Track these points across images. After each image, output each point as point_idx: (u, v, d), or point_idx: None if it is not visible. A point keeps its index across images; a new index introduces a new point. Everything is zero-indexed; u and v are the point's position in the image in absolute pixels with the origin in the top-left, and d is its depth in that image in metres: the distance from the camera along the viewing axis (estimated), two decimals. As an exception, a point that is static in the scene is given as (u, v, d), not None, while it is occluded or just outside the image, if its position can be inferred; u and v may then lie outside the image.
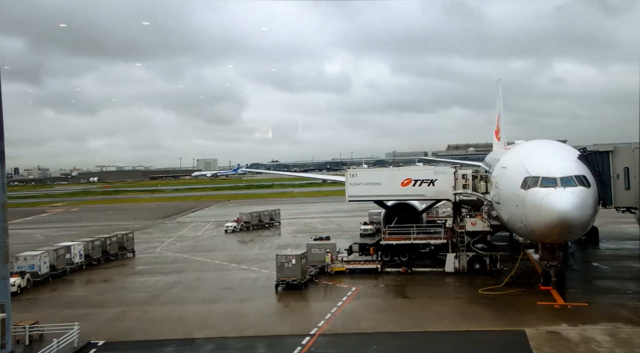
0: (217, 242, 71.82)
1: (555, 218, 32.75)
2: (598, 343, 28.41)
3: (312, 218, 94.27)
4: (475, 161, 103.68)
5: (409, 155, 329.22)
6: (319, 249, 48.92)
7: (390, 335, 31.42)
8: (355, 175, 51.47)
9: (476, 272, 45.39)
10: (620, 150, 39.62)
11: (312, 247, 49.79)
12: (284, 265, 42.76)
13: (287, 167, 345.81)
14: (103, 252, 59.65)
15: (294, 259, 42.73)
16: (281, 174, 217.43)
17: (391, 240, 47.95)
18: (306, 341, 30.56)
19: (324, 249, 48.75)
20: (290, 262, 42.66)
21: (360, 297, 40.39)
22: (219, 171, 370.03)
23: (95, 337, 32.73)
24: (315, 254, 48.09)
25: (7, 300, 27.62)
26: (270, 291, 43.13)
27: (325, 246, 50.01)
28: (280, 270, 42.92)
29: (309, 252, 47.55)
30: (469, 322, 32.98)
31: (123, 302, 41.86)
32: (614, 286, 40.83)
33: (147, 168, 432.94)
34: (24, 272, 47.42)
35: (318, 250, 48.77)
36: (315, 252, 48.30)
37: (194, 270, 53.13)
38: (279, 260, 43.07)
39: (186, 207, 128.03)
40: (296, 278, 42.59)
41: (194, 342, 31.48)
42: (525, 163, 37.02)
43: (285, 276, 42.71)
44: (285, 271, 42.72)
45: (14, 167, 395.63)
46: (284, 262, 42.78)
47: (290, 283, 42.56)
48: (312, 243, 52.06)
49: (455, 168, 51.52)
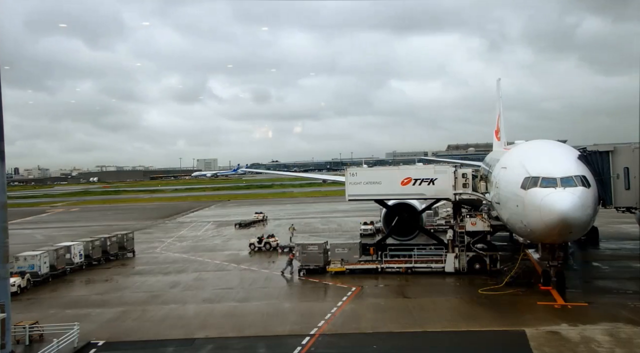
0: (217, 242, 71.81)
1: (555, 219, 32.74)
2: (598, 343, 28.40)
3: (312, 218, 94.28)
4: (475, 161, 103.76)
5: (409, 155, 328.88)
6: (342, 249, 48.97)
7: (390, 335, 31.42)
8: (355, 174, 51.44)
9: (476, 272, 45.37)
10: (620, 150, 39.60)
11: (336, 246, 49.47)
12: (308, 253, 48.38)
13: (287, 167, 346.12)
14: (103, 252, 59.64)
15: (317, 247, 48.83)
16: (281, 174, 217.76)
17: (392, 264, 47.66)
18: (306, 341, 30.55)
19: (347, 248, 48.82)
20: (313, 249, 48.63)
21: (360, 297, 40.40)
22: (219, 171, 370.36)
23: (95, 337, 32.73)
24: (338, 254, 48.45)
25: (7, 300, 27.57)
26: (271, 291, 43.22)
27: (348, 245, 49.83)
28: (305, 258, 48.39)
29: (333, 251, 48.81)
30: (469, 322, 32.97)
31: (123, 302, 41.86)
32: (614, 286, 40.81)
33: (147, 168, 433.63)
34: (24, 272, 47.40)
35: (341, 250, 48.79)
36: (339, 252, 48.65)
37: (194, 270, 53.14)
38: (302, 248, 48.69)
39: (186, 207, 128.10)
40: (319, 264, 47.96)
41: (194, 342, 31.47)
42: (525, 163, 36.99)
43: (309, 262, 48.23)
44: (310, 258, 48.19)
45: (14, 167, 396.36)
46: (308, 250, 48.48)
47: (312, 268, 47.81)
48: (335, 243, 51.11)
49: (456, 167, 51.44)
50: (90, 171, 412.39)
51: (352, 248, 48.95)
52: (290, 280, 46.99)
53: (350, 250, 48.62)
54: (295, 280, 46.77)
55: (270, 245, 62.63)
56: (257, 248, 62.41)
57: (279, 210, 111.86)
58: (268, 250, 61.95)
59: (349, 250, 48.56)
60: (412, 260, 47.51)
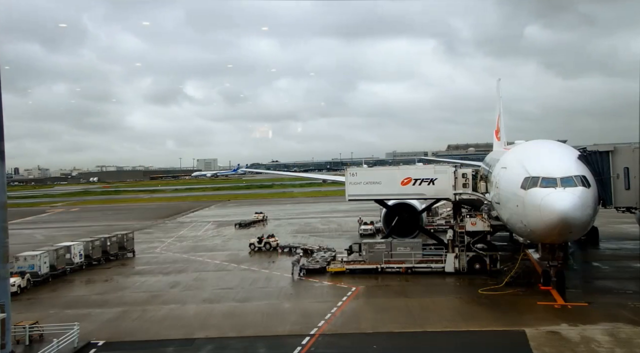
0: (217, 242, 71.81)
1: (555, 219, 32.73)
2: (598, 343, 28.40)
3: (312, 218, 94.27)
4: (475, 161, 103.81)
5: (409, 155, 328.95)
6: (404, 247, 48.35)
7: (390, 335, 31.42)
8: (355, 174, 51.48)
9: (476, 272, 45.37)
10: (621, 150, 39.61)
11: (398, 244, 48.93)
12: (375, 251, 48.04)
13: (287, 167, 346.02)
14: (103, 252, 59.65)
15: (385, 245, 48.60)
16: (281, 174, 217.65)
17: (392, 264, 47.54)
18: (306, 341, 30.55)
19: (409, 247, 48.22)
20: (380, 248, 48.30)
21: (360, 297, 40.40)
22: (219, 171, 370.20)
23: (95, 337, 32.74)
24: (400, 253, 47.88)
25: (7, 300, 27.57)
26: (271, 291, 43.21)
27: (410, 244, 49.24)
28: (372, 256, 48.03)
29: (395, 249, 48.14)
30: (469, 322, 32.97)
31: (123, 302, 41.86)
32: (614, 286, 40.80)
33: (147, 168, 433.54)
34: (24, 272, 47.41)
35: (403, 248, 48.23)
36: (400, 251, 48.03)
37: (194, 270, 53.13)
38: (369, 247, 48.57)
39: (186, 207, 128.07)
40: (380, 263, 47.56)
41: (194, 342, 31.47)
42: (525, 163, 37.00)
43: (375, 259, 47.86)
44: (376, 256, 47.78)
45: (14, 167, 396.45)
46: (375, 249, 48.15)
47: (313, 268, 48.65)
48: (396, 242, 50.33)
49: (456, 167, 51.46)
50: (90, 171, 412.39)
51: (415, 246, 48.22)
52: (290, 280, 46.94)
53: (413, 248, 47.92)
54: (295, 280, 46.75)
55: (270, 245, 62.61)
56: (257, 248, 62.43)
57: (279, 210, 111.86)
58: (268, 250, 61.93)
59: (411, 248, 47.84)
60: (412, 260, 47.49)
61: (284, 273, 49.16)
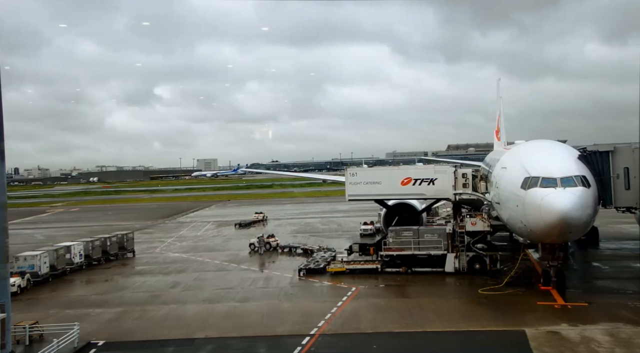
0: (217, 242, 71.82)
1: (555, 219, 32.73)
2: (598, 343, 28.40)
3: (313, 218, 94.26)
4: (475, 161, 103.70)
5: (409, 155, 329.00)
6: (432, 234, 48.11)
7: (390, 335, 31.43)
8: (355, 174, 51.49)
9: (476, 272, 45.36)
10: (620, 150, 39.59)
11: (425, 232, 48.62)
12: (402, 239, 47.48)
13: (287, 167, 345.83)
14: (103, 252, 59.66)
15: (412, 232, 47.99)
16: (281, 174, 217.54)
17: (392, 252, 47.55)
18: (306, 341, 30.55)
19: (437, 233, 47.93)
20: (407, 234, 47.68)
21: (360, 297, 40.39)
22: (219, 171, 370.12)
23: (95, 337, 32.74)
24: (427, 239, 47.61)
25: (7, 300, 27.57)
26: (271, 291, 43.21)
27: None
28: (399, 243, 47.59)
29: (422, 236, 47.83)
30: (469, 322, 32.97)
31: (123, 302, 41.87)
32: (614, 286, 40.81)
33: (147, 168, 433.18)
34: (24, 272, 47.43)
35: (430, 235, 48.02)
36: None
37: (194, 270, 53.13)
38: (396, 234, 47.72)
39: (186, 207, 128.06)
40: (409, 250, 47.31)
41: (194, 342, 31.47)
42: (525, 163, 37.00)
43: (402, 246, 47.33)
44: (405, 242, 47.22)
45: (14, 167, 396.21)
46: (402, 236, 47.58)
47: (313, 267, 48.88)
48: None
49: (456, 167, 51.47)
50: (90, 171, 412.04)
51: (441, 233, 47.91)
52: (290, 280, 46.93)
53: (440, 235, 47.59)
54: (295, 280, 46.75)
55: (270, 245, 62.57)
56: (257, 248, 62.40)
57: (279, 210, 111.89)
58: (268, 250, 61.86)
59: (439, 235, 47.53)
60: (442, 246, 47.21)
61: (284, 273, 49.21)
